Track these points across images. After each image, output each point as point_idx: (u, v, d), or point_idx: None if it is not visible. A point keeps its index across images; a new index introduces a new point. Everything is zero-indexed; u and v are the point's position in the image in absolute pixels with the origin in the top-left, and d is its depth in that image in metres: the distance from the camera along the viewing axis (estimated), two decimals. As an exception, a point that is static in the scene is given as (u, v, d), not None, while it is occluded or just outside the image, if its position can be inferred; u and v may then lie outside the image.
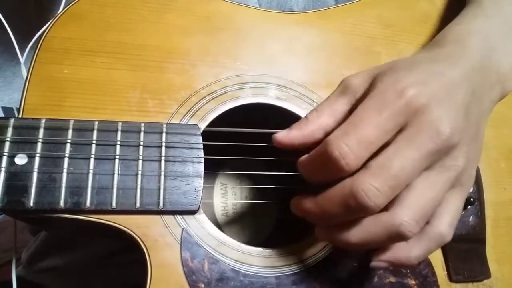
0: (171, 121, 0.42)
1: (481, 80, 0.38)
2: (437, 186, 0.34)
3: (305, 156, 0.37)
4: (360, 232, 0.34)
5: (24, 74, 0.41)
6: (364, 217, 0.34)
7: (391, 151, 0.33)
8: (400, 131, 0.33)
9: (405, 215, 0.33)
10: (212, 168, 0.42)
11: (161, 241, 0.39)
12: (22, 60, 0.43)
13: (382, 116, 0.33)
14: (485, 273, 0.48)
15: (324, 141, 0.34)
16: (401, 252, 0.36)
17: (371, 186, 0.32)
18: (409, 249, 0.36)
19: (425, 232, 0.36)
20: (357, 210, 0.33)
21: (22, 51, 0.44)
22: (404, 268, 0.44)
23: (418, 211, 0.33)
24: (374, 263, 0.37)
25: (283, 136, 0.38)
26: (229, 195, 0.55)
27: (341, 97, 0.38)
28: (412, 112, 0.33)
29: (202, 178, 0.40)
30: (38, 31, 0.42)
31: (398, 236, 0.34)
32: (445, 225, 0.36)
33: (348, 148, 0.32)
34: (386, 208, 0.33)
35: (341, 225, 0.35)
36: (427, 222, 0.36)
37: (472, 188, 0.48)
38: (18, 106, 0.41)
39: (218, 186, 0.55)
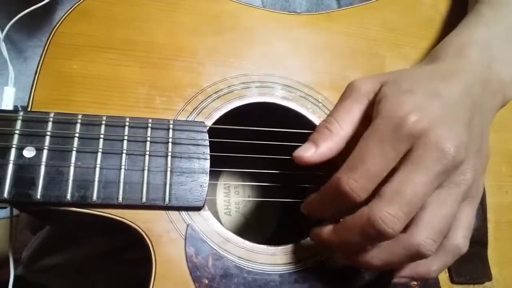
0: (178, 118, 0.42)
1: (481, 91, 0.39)
2: (449, 202, 0.35)
3: (312, 196, 0.39)
4: (382, 255, 0.36)
5: (4, 52, 0.41)
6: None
7: (400, 177, 0.34)
8: (407, 155, 0.34)
9: (422, 235, 0.34)
10: (216, 166, 0.42)
11: (166, 236, 0.39)
12: (1, 36, 0.43)
13: (385, 148, 0.34)
14: (486, 276, 0.48)
15: (332, 178, 0.35)
16: (421, 268, 0.38)
17: (387, 214, 0.33)
18: (429, 264, 0.38)
19: (442, 246, 0.37)
20: (376, 238, 0.34)
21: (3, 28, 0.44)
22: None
23: (434, 230, 0.34)
24: (396, 280, 0.39)
25: (312, 155, 0.38)
26: (232, 194, 0.55)
27: (355, 104, 0.38)
28: (415, 138, 0.34)
29: (208, 175, 0.41)
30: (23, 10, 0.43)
31: (418, 256, 0.35)
32: (461, 238, 0.37)
33: (356, 183, 0.34)
34: (404, 230, 0.34)
35: (362, 250, 0.36)
36: (444, 237, 0.37)
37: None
38: (23, 104, 0.42)
39: (221, 185, 0.55)
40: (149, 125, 0.40)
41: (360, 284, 0.43)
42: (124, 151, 0.39)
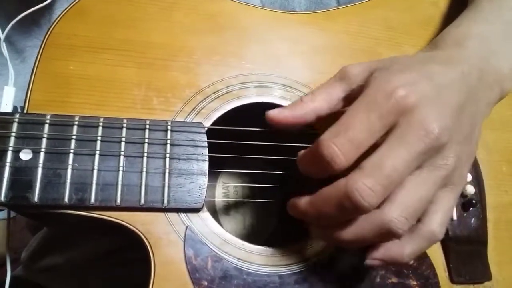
0: (176, 119, 0.42)
1: (478, 82, 0.39)
2: (427, 184, 0.35)
3: (302, 152, 0.38)
4: (353, 230, 0.35)
5: (5, 52, 0.41)
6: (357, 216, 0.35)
7: (383, 150, 0.34)
8: (391, 130, 0.34)
9: (394, 213, 0.34)
10: (215, 167, 0.42)
11: (165, 238, 0.39)
12: (2, 37, 0.43)
13: (371, 117, 0.34)
14: (486, 275, 0.48)
15: (316, 140, 0.35)
16: (393, 250, 0.37)
17: (364, 186, 0.32)
18: (402, 247, 0.37)
19: (417, 231, 0.37)
20: (351, 210, 0.33)
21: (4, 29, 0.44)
22: (398, 267, 0.45)
23: (407, 209, 0.34)
24: (368, 261, 0.38)
25: (275, 113, 0.39)
26: (231, 194, 0.55)
27: (337, 84, 0.39)
28: (401, 112, 0.34)
29: (207, 176, 0.41)
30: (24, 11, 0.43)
31: (389, 233, 0.34)
32: (437, 224, 0.37)
33: (337, 148, 0.33)
34: (378, 206, 0.34)
35: (335, 225, 0.36)
36: (419, 221, 0.37)
37: (474, 190, 0.49)
38: (20, 104, 0.41)
39: (220, 185, 0.55)
40: (147, 126, 0.40)
41: (360, 286, 0.43)
42: (122, 153, 0.39)
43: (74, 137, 0.38)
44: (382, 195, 0.33)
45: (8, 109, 0.40)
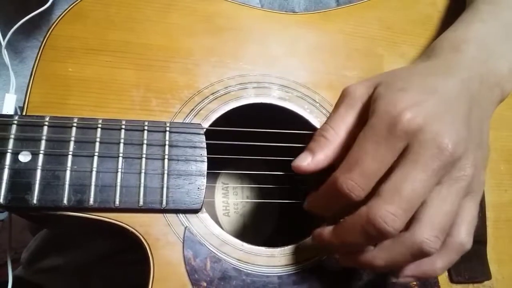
0: (175, 120, 0.42)
1: (479, 86, 0.39)
2: (450, 198, 0.35)
3: (313, 194, 0.39)
4: (384, 255, 0.36)
5: (6, 59, 0.41)
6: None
7: (398, 175, 0.34)
8: (404, 153, 0.34)
9: (425, 233, 0.34)
10: (214, 168, 0.42)
11: (163, 239, 0.39)
12: (3, 43, 0.43)
13: (380, 148, 0.34)
14: (485, 274, 0.48)
15: (330, 178, 0.36)
16: (425, 266, 0.37)
17: (386, 212, 0.33)
18: (433, 262, 0.37)
19: (446, 244, 0.37)
20: (377, 237, 0.34)
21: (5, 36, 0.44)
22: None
23: (436, 227, 0.34)
24: (401, 279, 0.38)
25: (308, 163, 0.38)
26: (230, 195, 0.55)
27: (350, 110, 0.38)
28: (411, 135, 0.34)
29: (205, 177, 0.41)
30: (24, 16, 0.43)
31: (422, 254, 0.35)
32: (464, 234, 0.37)
33: (354, 182, 0.34)
34: (406, 228, 0.34)
35: (364, 250, 0.36)
36: (448, 234, 0.36)
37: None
38: (20, 105, 0.41)
39: (219, 186, 0.55)
40: (146, 127, 0.40)
41: (359, 285, 0.43)
42: (121, 154, 0.39)
43: (73, 139, 0.38)
44: (406, 218, 0.33)
45: None
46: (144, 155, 0.39)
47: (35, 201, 0.36)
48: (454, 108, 0.36)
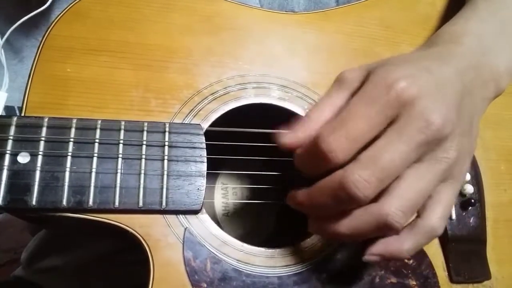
0: (174, 121, 0.42)
1: (473, 78, 0.39)
2: (427, 177, 0.34)
3: (299, 149, 0.37)
4: (349, 222, 0.35)
5: (2, 58, 0.41)
6: (354, 208, 0.35)
7: (381, 143, 0.33)
8: (391, 123, 0.33)
9: (392, 206, 0.33)
10: (213, 168, 0.42)
11: (163, 240, 0.39)
12: (0, 43, 0.43)
13: (371, 110, 0.33)
14: (485, 274, 0.48)
15: (315, 136, 0.35)
16: (392, 245, 0.37)
17: (359, 177, 0.32)
18: (401, 242, 0.37)
19: (416, 225, 0.36)
20: (346, 201, 0.33)
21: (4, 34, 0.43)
22: (397, 266, 0.44)
23: (406, 202, 0.33)
24: (366, 257, 0.37)
25: (289, 138, 0.37)
26: (230, 195, 0.55)
27: (339, 92, 0.38)
28: (402, 104, 0.33)
29: (205, 178, 0.40)
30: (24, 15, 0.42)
31: (386, 227, 0.34)
32: (436, 218, 0.36)
33: (335, 142, 0.33)
34: (376, 200, 0.34)
35: (332, 217, 0.36)
36: (419, 215, 0.36)
37: (472, 189, 0.48)
38: (19, 105, 0.41)
39: (219, 186, 0.55)
40: (145, 128, 0.40)
41: (359, 285, 0.43)
42: (120, 155, 0.39)
43: (72, 139, 0.38)
44: (378, 187, 0.33)
45: None
46: (143, 156, 0.39)
47: (34, 203, 0.36)
48: (447, 92, 0.35)
